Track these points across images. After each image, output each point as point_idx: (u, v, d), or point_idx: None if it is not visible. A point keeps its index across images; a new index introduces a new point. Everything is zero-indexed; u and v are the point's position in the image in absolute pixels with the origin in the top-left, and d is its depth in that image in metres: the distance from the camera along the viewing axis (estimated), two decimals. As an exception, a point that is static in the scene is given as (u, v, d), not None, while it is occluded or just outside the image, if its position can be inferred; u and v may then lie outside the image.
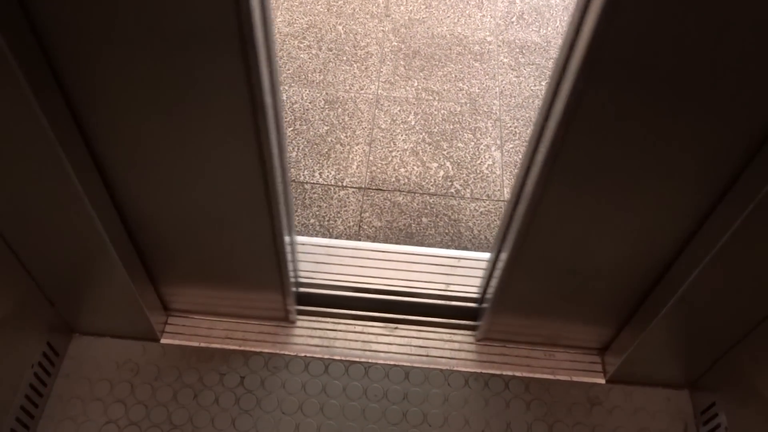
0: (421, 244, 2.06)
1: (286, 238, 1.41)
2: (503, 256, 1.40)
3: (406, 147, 2.36)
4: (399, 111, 2.51)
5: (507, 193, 2.22)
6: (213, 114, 1.08)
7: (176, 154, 1.18)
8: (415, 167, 2.29)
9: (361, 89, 2.58)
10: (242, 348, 1.65)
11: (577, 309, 1.53)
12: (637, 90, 0.96)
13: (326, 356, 1.65)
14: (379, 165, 2.29)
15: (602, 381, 1.66)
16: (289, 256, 1.47)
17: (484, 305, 1.62)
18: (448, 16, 2.98)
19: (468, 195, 2.21)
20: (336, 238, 2.05)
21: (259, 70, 1.00)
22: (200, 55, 0.98)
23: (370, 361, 1.65)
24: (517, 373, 1.65)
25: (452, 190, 2.22)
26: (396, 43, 2.82)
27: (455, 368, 1.65)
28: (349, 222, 2.11)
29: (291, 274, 1.53)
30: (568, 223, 1.25)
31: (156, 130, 1.13)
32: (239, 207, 1.30)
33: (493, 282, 1.51)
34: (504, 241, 1.40)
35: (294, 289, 1.61)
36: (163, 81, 1.03)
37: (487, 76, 2.68)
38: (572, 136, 1.04)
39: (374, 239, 2.07)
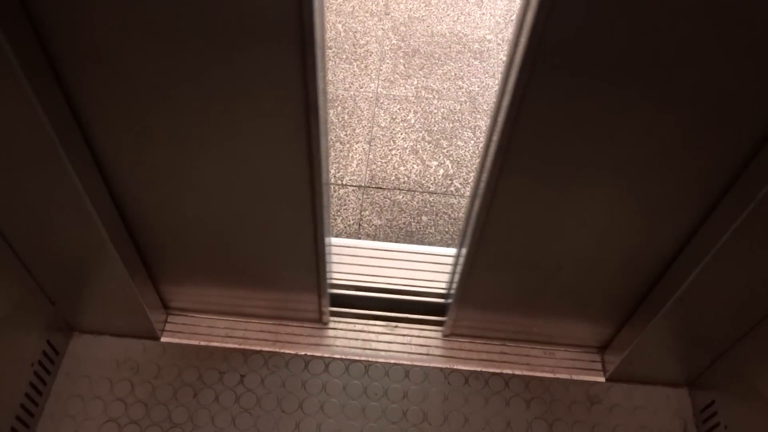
0: (421, 243, 2.06)
1: (326, 240, 1.40)
2: (463, 251, 1.41)
3: (405, 145, 2.36)
4: (399, 109, 2.51)
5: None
6: (263, 116, 1.06)
7: (214, 157, 1.16)
8: (414, 165, 2.29)
9: (361, 87, 2.58)
10: (242, 346, 1.65)
11: (548, 305, 1.53)
12: (581, 85, 0.96)
13: (326, 355, 1.65)
14: (379, 163, 2.29)
15: (602, 379, 1.66)
16: (327, 258, 1.46)
17: (449, 301, 1.62)
18: (448, 14, 2.98)
19: (468, 193, 2.21)
20: (336, 236, 2.05)
21: (315, 69, 0.98)
22: (255, 52, 0.95)
23: (370, 359, 1.65)
24: (517, 372, 1.66)
25: (452, 189, 2.22)
26: (396, 42, 2.82)
27: (455, 367, 1.65)
28: (349, 220, 2.11)
29: (327, 275, 1.52)
30: (524, 218, 1.25)
31: (193, 133, 1.11)
32: (282, 209, 1.28)
33: (456, 277, 1.51)
34: (464, 237, 1.41)
35: (329, 290, 1.60)
36: (205, 80, 1.00)
37: (486, 75, 2.68)
38: (520, 130, 1.04)
39: (374, 238, 2.07)
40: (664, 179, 1.13)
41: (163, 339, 1.66)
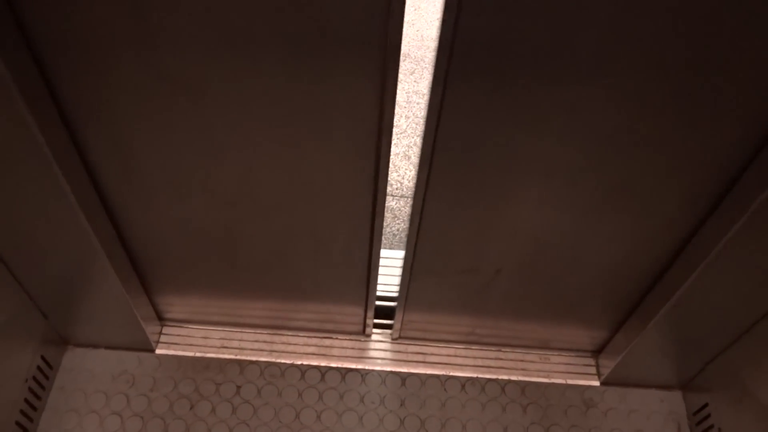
0: (415, 249, 2.06)
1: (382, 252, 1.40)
2: (402, 254, 1.42)
3: (397, 151, 2.37)
4: (390, 114, 2.51)
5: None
6: (333, 130, 1.06)
7: (280, 174, 1.16)
8: (407, 171, 2.29)
9: (352, 93, 2.57)
10: (238, 357, 1.65)
11: (500, 307, 1.54)
12: (498, 86, 0.96)
13: (323, 364, 1.65)
14: (372, 169, 2.29)
15: (597, 383, 1.67)
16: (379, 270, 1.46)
17: (394, 303, 1.63)
18: (438, 18, 2.98)
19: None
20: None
21: (395, 90, 0.96)
22: (334, 68, 0.94)
23: (367, 367, 1.66)
24: (513, 377, 1.67)
25: (445, 194, 2.23)
26: (386, 46, 2.82)
27: (451, 373, 1.66)
28: (343, 227, 2.11)
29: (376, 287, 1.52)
30: (457, 221, 1.25)
31: (266, 147, 1.10)
32: (339, 221, 1.28)
33: (399, 280, 1.52)
34: (408, 240, 1.42)
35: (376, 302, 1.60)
36: (274, 95, 1.00)
37: (477, 79, 2.68)
38: (442, 133, 1.05)
39: (368, 244, 2.07)
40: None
41: (158, 351, 1.65)
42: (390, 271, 1.79)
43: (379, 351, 1.69)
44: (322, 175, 1.16)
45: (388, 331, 1.73)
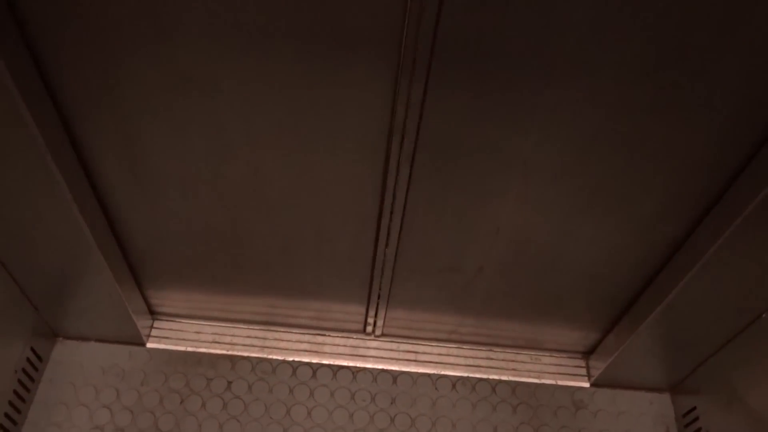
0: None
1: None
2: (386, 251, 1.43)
3: (393, 149, 2.37)
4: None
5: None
6: (343, 133, 1.06)
7: (289, 173, 1.16)
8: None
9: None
10: (229, 352, 1.64)
11: (484, 305, 1.55)
12: (477, 90, 0.96)
13: (314, 360, 1.65)
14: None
15: (587, 384, 1.68)
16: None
17: (378, 301, 1.64)
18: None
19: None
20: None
21: (410, 91, 0.96)
22: (347, 67, 0.94)
23: (358, 365, 1.66)
24: (504, 377, 1.67)
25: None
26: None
27: (443, 372, 1.66)
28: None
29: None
30: (441, 220, 1.26)
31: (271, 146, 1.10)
32: (345, 222, 1.28)
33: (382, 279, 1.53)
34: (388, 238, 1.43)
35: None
36: (286, 93, 0.99)
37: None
38: (424, 131, 1.05)
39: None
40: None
41: (149, 345, 1.64)
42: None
43: (371, 349, 1.69)
44: (330, 173, 1.16)
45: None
